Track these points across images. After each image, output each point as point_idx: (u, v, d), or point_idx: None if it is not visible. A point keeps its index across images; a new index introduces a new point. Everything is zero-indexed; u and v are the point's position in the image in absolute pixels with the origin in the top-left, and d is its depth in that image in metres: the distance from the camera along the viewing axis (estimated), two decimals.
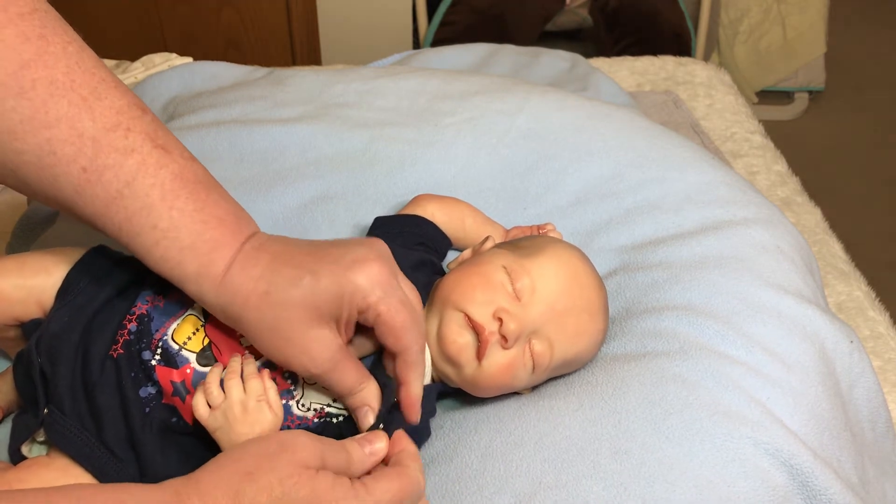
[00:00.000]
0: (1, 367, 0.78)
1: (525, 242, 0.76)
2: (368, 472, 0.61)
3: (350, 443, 0.61)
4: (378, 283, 0.62)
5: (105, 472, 0.65)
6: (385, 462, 0.62)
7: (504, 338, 0.68)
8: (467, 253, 0.79)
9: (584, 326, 0.72)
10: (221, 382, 0.64)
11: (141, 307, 0.69)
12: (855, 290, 1.09)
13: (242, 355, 0.66)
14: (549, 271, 0.71)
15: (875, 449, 0.80)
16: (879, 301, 1.09)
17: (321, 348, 0.63)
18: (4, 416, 0.75)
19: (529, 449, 0.68)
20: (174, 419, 0.66)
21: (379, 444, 0.62)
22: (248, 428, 0.62)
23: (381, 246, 0.65)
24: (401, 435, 0.63)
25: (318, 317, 0.62)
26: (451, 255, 0.84)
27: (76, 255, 0.73)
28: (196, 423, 0.66)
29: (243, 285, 0.63)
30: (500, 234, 0.85)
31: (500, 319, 0.68)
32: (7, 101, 0.60)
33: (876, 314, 1.06)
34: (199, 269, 0.63)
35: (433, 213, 0.83)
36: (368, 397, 0.65)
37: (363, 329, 0.66)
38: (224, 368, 0.65)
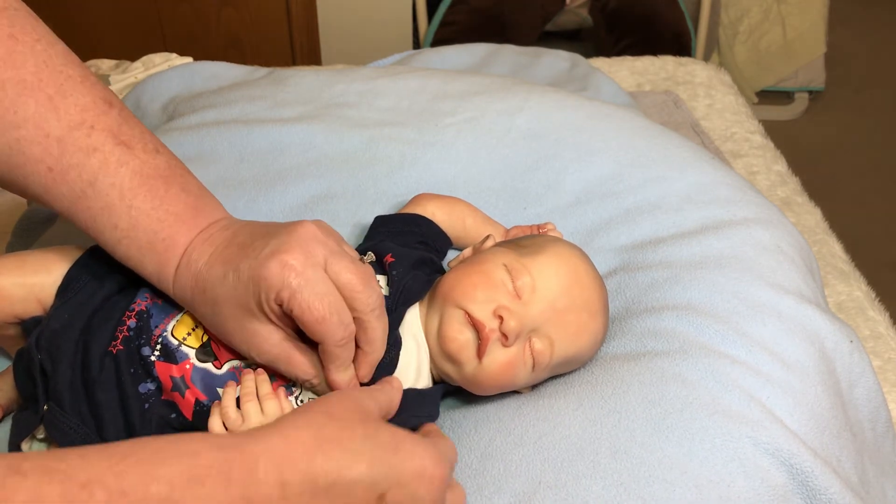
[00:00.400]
0: (1, 367, 0.78)
1: (526, 241, 0.76)
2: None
3: (376, 388, 0.62)
4: (290, 276, 0.59)
5: None
6: None
7: (504, 335, 0.68)
8: (468, 251, 0.79)
9: (584, 325, 0.72)
10: (237, 402, 0.63)
11: (140, 304, 0.69)
12: (855, 290, 1.09)
13: (256, 372, 0.66)
14: (549, 270, 0.71)
15: (875, 449, 0.80)
16: (879, 301, 1.09)
17: (260, 340, 0.63)
18: (5, 415, 0.75)
19: (529, 448, 0.68)
20: (173, 415, 0.66)
21: (396, 383, 0.64)
22: None
23: (304, 231, 0.62)
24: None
25: (247, 311, 0.62)
26: (451, 255, 0.84)
27: (76, 253, 0.74)
28: (195, 418, 0.66)
29: (190, 281, 0.64)
30: (501, 233, 0.85)
31: (501, 317, 0.68)
32: None
33: (876, 314, 1.06)
34: (158, 269, 0.65)
35: (433, 212, 0.83)
36: (296, 366, 0.65)
37: None
38: (237, 385, 0.65)
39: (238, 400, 0.63)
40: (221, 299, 0.62)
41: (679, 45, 2.27)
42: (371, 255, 0.74)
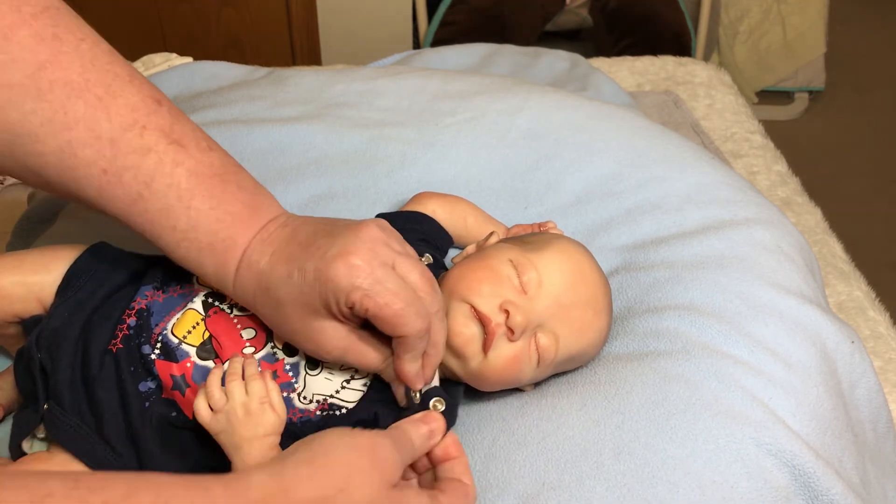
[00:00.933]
0: (2, 366, 0.78)
1: (530, 238, 0.76)
2: (432, 469, 0.62)
3: (409, 425, 0.61)
4: (360, 277, 0.59)
5: (104, 467, 0.65)
6: (434, 462, 0.62)
7: (510, 330, 0.68)
8: (472, 248, 0.79)
9: (588, 322, 0.72)
10: (223, 384, 0.63)
11: (140, 302, 0.69)
12: (855, 290, 1.09)
13: (243, 355, 0.66)
14: (555, 266, 0.71)
15: (876, 449, 0.80)
16: (879, 301, 1.09)
17: (326, 338, 0.62)
18: (5, 415, 0.75)
19: (532, 449, 0.68)
20: (174, 413, 0.66)
21: (436, 425, 0.62)
22: (252, 431, 0.62)
23: (368, 232, 0.62)
24: (454, 443, 0.63)
25: (312, 311, 0.62)
26: (452, 253, 0.84)
27: (76, 251, 0.74)
28: (195, 416, 0.66)
29: (252, 281, 0.64)
30: (502, 231, 0.85)
31: (507, 311, 0.68)
32: (26, 103, 0.60)
33: (876, 314, 1.06)
34: (217, 269, 0.64)
35: (434, 210, 0.83)
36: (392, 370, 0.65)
37: None
38: (224, 368, 0.65)
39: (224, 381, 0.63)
40: (286, 299, 0.62)
41: (679, 45, 2.27)
42: (429, 257, 0.73)
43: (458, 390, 0.71)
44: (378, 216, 0.82)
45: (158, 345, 0.67)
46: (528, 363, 0.70)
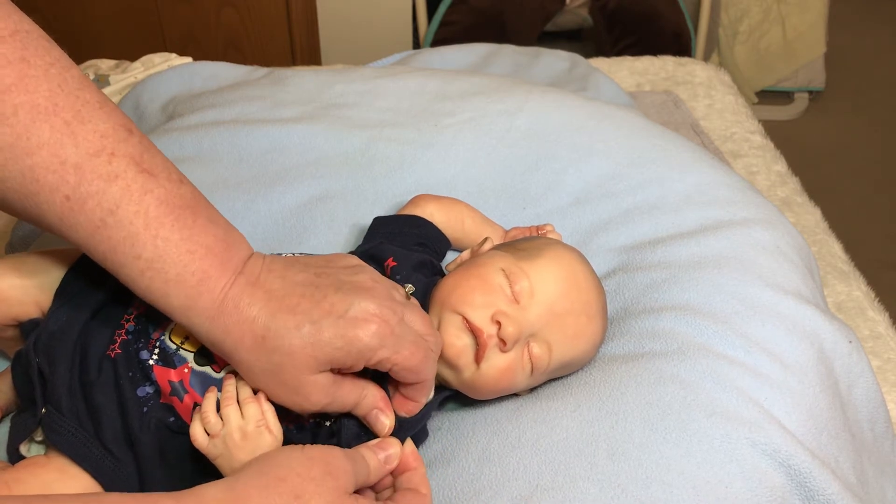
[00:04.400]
0: (0, 368, 0.78)
1: (524, 244, 0.76)
2: (389, 487, 0.63)
3: (366, 451, 0.62)
4: (386, 336, 0.61)
5: (102, 472, 0.65)
6: (393, 474, 0.64)
7: (503, 341, 0.68)
8: (466, 254, 0.79)
9: (582, 329, 0.72)
10: (218, 406, 0.63)
11: (139, 307, 0.69)
12: (854, 290, 1.09)
13: (237, 376, 0.66)
14: (547, 274, 0.71)
15: (874, 449, 0.80)
16: (879, 301, 1.09)
17: (317, 391, 0.62)
18: (3, 417, 0.75)
19: (526, 451, 0.68)
20: (171, 419, 0.66)
21: (392, 451, 0.63)
22: (249, 454, 0.62)
23: (377, 288, 0.64)
24: (412, 453, 0.64)
25: (316, 365, 0.61)
26: (450, 256, 0.84)
27: (74, 255, 0.73)
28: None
29: (238, 325, 0.61)
30: (500, 234, 0.85)
31: (499, 322, 0.68)
32: None
33: (875, 314, 1.06)
34: (187, 303, 0.61)
35: (432, 213, 0.83)
36: (373, 402, 0.65)
37: None
38: (218, 394, 0.65)
39: (219, 405, 0.63)
40: (289, 350, 0.60)
41: (679, 45, 2.27)
42: (411, 287, 0.73)
43: (430, 406, 0.70)
44: (376, 220, 0.83)
45: (156, 350, 0.67)
46: (521, 372, 0.70)
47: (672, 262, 0.82)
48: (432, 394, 0.68)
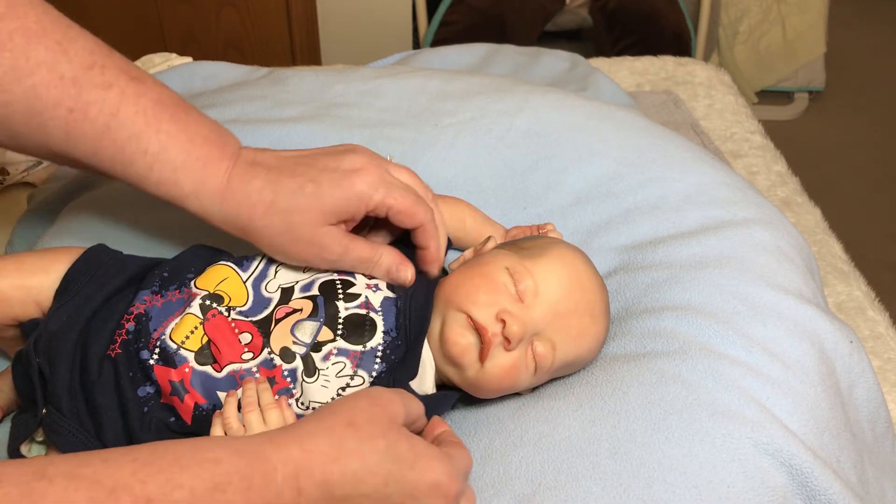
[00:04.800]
0: (0, 367, 0.78)
1: (527, 243, 0.76)
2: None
3: (412, 397, 0.65)
4: (378, 182, 0.69)
5: None
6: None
7: (507, 339, 0.68)
8: (469, 253, 0.79)
9: (586, 328, 0.72)
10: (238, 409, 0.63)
11: (139, 307, 0.69)
12: (855, 290, 1.09)
13: (241, 360, 0.66)
14: (552, 273, 0.71)
15: (875, 449, 0.80)
16: (879, 301, 1.09)
17: (330, 240, 0.69)
18: (4, 416, 0.75)
19: (529, 450, 0.68)
20: (172, 419, 0.66)
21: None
22: None
23: (366, 151, 0.72)
24: (438, 419, 0.66)
25: (323, 218, 0.68)
26: (452, 256, 0.84)
27: (74, 254, 0.73)
28: (195, 423, 0.66)
29: (248, 197, 0.68)
30: (501, 233, 0.85)
31: (503, 321, 0.68)
32: None
33: (875, 314, 1.06)
34: (196, 187, 0.68)
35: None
36: (391, 259, 0.71)
37: (373, 226, 0.75)
38: (238, 396, 0.65)
39: (239, 407, 0.63)
40: (298, 208, 0.67)
41: (679, 45, 2.27)
42: (392, 155, 0.78)
43: (446, 401, 0.71)
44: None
45: (157, 350, 0.67)
46: (525, 371, 0.70)
47: (673, 261, 0.82)
48: (431, 382, 0.70)
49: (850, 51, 2.85)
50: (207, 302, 0.69)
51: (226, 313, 0.69)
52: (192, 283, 0.71)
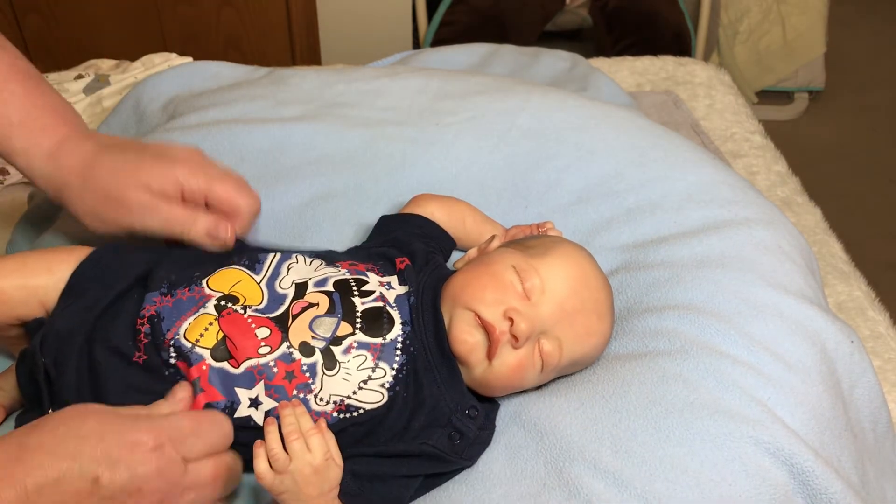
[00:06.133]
0: (2, 366, 0.78)
1: (532, 242, 0.76)
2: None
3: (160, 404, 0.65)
4: (198, 172, 0.74)
5: None
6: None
7: (515, 337, 0.68)
8: (473, 252, 0.79)
9: (592, 327, 0.72)
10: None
11: (149, 309, 0.69)
12: (855, 290, 1.09)
13: (257, 355, 0.66)
14: (558, 271, 0.71)
15: (875, 449, 0.80)
16: (879, 301, 1.09)
17: (140, 198, 0.73)
18: (8, 416, 0.75)
19: (532, 450, 0.68)
20: None
21: (181, 395, 0.65)
22: (318, 488, 0.61)
23: (193, 149, 0.77)
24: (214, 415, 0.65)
25: (137, 185, 0.73)
26: (455, 255, 0.84)
27: (78, 253, 0.73)
28: None
29: (72, 157, 0.74)
30: (500, 232, 0.85)
31: (511, 319, 0.68)
32: None
33: (876, 314, 1.06)
34: (27, 145, 0.74)
35: (433, 212, 0.83)
36: (208, 220, 0.74)
37: None
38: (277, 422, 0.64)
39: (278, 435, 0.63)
40: (116, 172, 0.73)
41: (679, 45, 2.27)
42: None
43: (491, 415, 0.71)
44: (382, 218, 0.83)
45: (172, 349, 0.67)
46: (531, 369, 0.70)
47: (674, 261, 0.82)
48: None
49: (850, 51, 2.85)
50: (223, 302, 0.69)
51: (242, 311, 0.69)
52: (204, 282, 0.71)
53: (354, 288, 0.70)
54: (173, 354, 0.67)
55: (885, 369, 0.98)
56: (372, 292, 0.70)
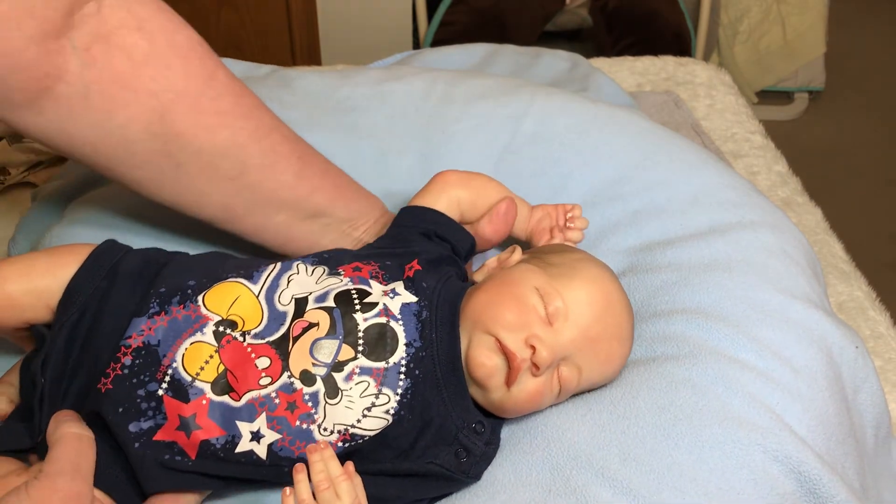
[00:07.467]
0: (9, 364, 0.77)
1: (555, 258, 0.74)
2: None
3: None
4: None
5: (111, 488, 0.65)
6: None
7: (536, 366, 0.67)
8: (492, 261, 0.77)
9: (614, 353, 0.71)
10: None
11: (136, 339, 0.67)
12: (855, 290, 1.09)
13: (258, 386, 0.65)
14: (583, 296, 0.70)
15: (874, 455, 0.80)
16: (880, 301, 1.09)
17: None
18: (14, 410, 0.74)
19: (538, 456, 0.67)
20: (167, 456, 0.64)
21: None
22: None
23: None
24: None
25: None
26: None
27: (82, 252, 0.72)
28: (199, 457, 0.64)
29: None
30: (525, 211, 0.83)
31: (533, 347, 0.66)
32: None
33: (876, 314, 1.05)
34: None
35: (459, 196, 0.80)
36: None
37: None
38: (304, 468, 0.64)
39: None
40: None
41: (679, 45, 2.27)
42: None
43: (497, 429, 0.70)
44: (402, 211, 0.80)
45: (167, 379, 0.65)
46: (549, 394, 0.69)
47: (681, 264, 0.81)
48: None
49: (850, 51, 2.85)
50: (221, 328, 0.67)
51: (241, 338, 0.66)
52: (200, 298, 0.68)
53: (356, 301, 0.68)
54: (164, 386, 0.65)
55: (885, 369, 0.98)
56: (375, 304, 0.68)
